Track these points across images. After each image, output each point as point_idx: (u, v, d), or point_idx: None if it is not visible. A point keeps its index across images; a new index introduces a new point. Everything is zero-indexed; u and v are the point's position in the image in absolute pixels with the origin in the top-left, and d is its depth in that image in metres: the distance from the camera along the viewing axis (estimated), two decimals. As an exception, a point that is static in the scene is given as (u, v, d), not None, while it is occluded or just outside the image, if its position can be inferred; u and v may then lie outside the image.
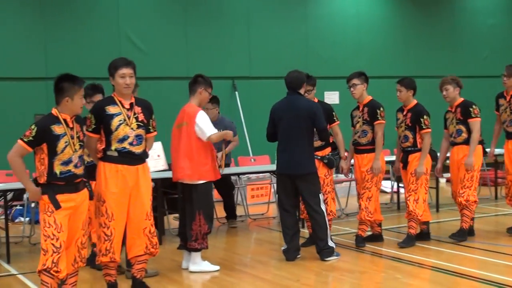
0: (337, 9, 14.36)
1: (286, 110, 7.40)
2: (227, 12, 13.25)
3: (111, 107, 5.83)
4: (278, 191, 7.63)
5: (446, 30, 15.51)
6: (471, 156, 7.80)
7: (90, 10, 12.09)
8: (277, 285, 6.55)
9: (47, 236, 5.24)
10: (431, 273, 6.82)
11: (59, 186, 5.33)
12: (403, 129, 7.94)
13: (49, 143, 5.28)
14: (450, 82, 7.94)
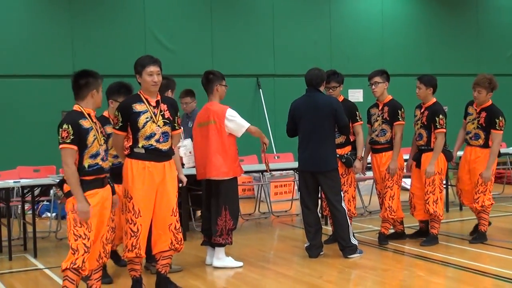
0: (362, 7, 14.32)
1: (307, 108, 7.38)
2: (252, 10, 13.27)
3: (138, 104, 5.85)
4: (300, 189, 7.62)
5: (470, 29, 15.41)
6: (489, 168, 7.66)
7: (116, 9, 12.16)
8: (299, 281, 6.54)
9: (79, 236, 5.23)
10: (454, 271, 6.78)
11: (87, 182, 5.37)
12: (419, 127, 7.88)
13: (81, 139, 5.30)
14: (487, 86, 7.74)
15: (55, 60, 11.71)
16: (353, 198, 8.09)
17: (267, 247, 8.34)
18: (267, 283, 6.49)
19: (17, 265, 7.61)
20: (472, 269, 6.79)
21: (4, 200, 8.30)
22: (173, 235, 5.96)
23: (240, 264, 7.15)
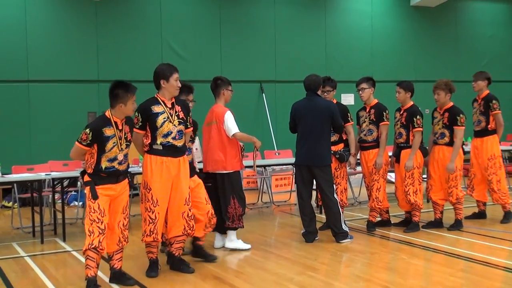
0: (353, 20, 14.31)
1: (307, 109, 7.42)
2: (256, 23, 13.27)
3: (156, 106, 5.89)
4: (297, 181, 7.63)
5: (450, 40, 15.41)
6: (453, 161, 7.66)
7: (136, 22, 12.18)
8: (297, 263, 6.57)
9: (93, 220, 5.34)
10: (432, 255, 6.80)
11: (102, 177, 5.43)
12: (399, 126, 7.92)
13: (100, 143, 5.37)
14: (443, 88, 7.76)
15: (82, 67, 11.74)
16: (345, 190, 8.14)
17: (269, 233, 8.36)
18: (268, 265, 6.51)
19: (48, 247, 7.64)
20: (448, 253, 6.81)
21: (37, 190, 8.34)
22: (186, 222, 6.01)
23: (249, 246, 7.21)
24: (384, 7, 14.69)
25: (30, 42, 11.45)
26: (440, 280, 5.81)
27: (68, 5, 11.70)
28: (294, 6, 13.71)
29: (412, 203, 7.86)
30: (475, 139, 8.49)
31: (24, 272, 6.45)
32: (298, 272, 6.20)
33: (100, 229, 5.34)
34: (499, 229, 8.06)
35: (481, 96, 8.46)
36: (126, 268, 6.10)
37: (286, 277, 5.99)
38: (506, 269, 6.12)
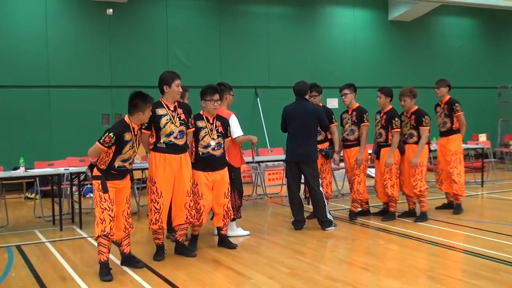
0: (338, 33, 14.33)
1: (297, 112, 7.44)
2: (252, 36, 13.28)
3: (160, 109, 5.91)
4: (287, 176, 7.65)
5: (423, 51, 15.45)
6: (417, 157, 7.69)
7: (145, 33, 12.18)
8: (287, 248, 6.60)
9: (104, 209, 5.36)
10: (407, 240, 6.83)
11: (113, 174, 5.46)
12: (379, 127, 7.95)
13: (118, 146, 5.40)
14: (409, 95, 7.79)
15: (96, 73, 11.74)
16: (329, 183, 8.16)
17: (262, 221, 8.38)
18: (262, 249, 6.53)
19: (66, 234, 7.65)
20: (421, 239, 6.85)
21: (57, 183, 8.37)
22: (188, 211, 6.04)
23: (248, 232, 7.26)
24: (365, 21, 14.72)
25: (50, 52, 11.44)
26: (413, 263, 5.85)
27: (85, 19, 11.69)
28: (285, 20, 13.73)
29: (389, 195, 7.90)
30: (441, 139, 8.54)
31: (45, 256, 6.46)
32: (288, 256, 6.22)
33: (111, 217, 5.37)
34: (464, 218, 8.10)
35: (444, 101, 8.53)
36: (135, 252, 6.11)
37: (277, 260, 6.01)
38: (469, 253, 6.16)
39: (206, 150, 6.25)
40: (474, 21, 16.29)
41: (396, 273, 5.50)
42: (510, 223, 7.73)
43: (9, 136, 11.02)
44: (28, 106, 11.22)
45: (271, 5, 13.46)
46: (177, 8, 12.53)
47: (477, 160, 12.44)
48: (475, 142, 12.12)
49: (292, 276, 5.46)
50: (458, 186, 8.38)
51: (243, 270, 5.71)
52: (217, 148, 6.29)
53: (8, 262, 6.19)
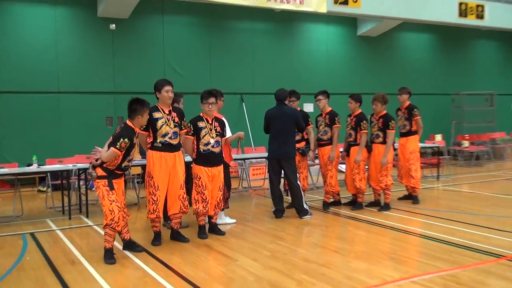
0: (313, 47, 14.37)
1: (277, 115, 7.47)
2: (238, 48, 13.27)
3: (156, 113, 5.94)
4: (269, 171, 7.67)
5: (388, 61, 15.54)
6: (385, 157, 7.74)
7: (144, 46, 12.13)
8: (269, 234, 6.61)
9: (113, 200, 5.36)
10: (373, 227, 6.88)
11: (117, 174, 5.46)
12: (349, 128, 8.00)
13: (128, 149, 5.40)
14: (380, 101, 7.86)
15: (101, 81, 11.67)
16: (306, 177, 8.19)
17: (247, 211, 8.38)
18: (246, 235, 6.55)
19: (74, 223, 7.61)
20: (384, 225, 6.91)
21: (66, 178, 8.33)
22: (181, 202, 6.06)
23: (234, 220, 7.28)
24: (337, 36, 14.77)
25: (60, 62, 11.35)
26: (378, 246, 5.90)
27: (90, 33, 11.62)
28: (268, 35, 13.74)
29: (357, 188, 7.95)
30: (401, 139, 8.61)
31: (56, 242, 6.43)
32: (269, 241, 6.24)
33: (119, 207, 5.38)
34: (422, 207, 8.18)
35: (404, 106, 8.62)
36: (135, 238, 6.11)
37: (260, 245, 6.04)
38: (426, 237, 6.23)
39: (207, 147, 6.27)
40: (431, 36, 16.43)
41: (364, 255, 5.55)
42: (462, 211, 7.82)
43: (24, 136, 10.94)
44: (40, 110, 11.14)
45: (255, 22, 13.47)
46: (172, 24, 12.49)
47: (434, 157, 12.56)
48: (432, 141, 12.25)
49: (273, 258, 5.49)
50: (415, 181, 8.48)
51: (230, 253, 5.73)
52: (216, 146, 6.32)
53: (23, 248, 6.15)
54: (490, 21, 14.51)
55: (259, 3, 10.88)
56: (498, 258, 5.35)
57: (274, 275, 4.92)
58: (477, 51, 17.35)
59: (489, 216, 7.40)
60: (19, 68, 10.97)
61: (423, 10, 13.44)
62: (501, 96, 17.00)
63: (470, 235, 6.31)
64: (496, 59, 17.75)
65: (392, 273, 4.93)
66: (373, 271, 4.98)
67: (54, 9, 11.29)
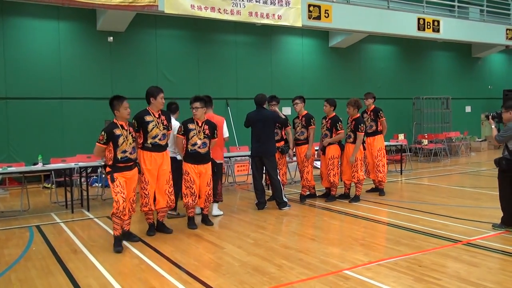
0: (290, 57, 14.35)
1: (257, 117, 7.46)
2: (224, 58, 13.20)
3: (147, 116, 5.87)
4: (252, 167, 7.66)
5: (356, 70, 15.60)
6: (353, 156, 7.75)
7: (139, 56, 12.00)
8: (252, 224, 6.59)
9: (118, 192, 5.35)
10: (344, 217, 6.90)
11: (119, 167, 5.37)
12: (325, 129, 8.00)
13: (113, 141, 5.32)
14: (353, 105, 7.88)
15: (100, 87, 11.50)
16: (284, 173, 8.18)
17: (232, 203, 8.34)
18: (232, 225, 6.52)
19: (76, 216, 7.49)
20: (355, 215, 6.93)
21: (69, 175, 8.22)
22: (168, 197, 6.00)
23: (222, 212, 7.26)
24: (311, 47, 14.78)
25: (63, 70, 11.18)
26: (349, 234, 5.91)
27: (90, 44, 11.45)
28: (249, 47, 13.69)
29: (331, 182, 7.96)
30: (368, 138, 8.60)
31: (60, 233, 6.33)
32: (252, 230, 6.22)
33: (123, 198, 5.36)
34: (388, 198, 8.23)
35: (370, 109, 8.68)
36: (132, 229, 6.03)
37: (244, 234, 6.01)
38: (392, 225, 6.26)
39: (194, 147, 6.21)
40: (394, 48, 16.54)
41: (337, 242, 5.56)
42: (423, 201, 7.87)
43: (30, 138, 10.75)
44: (45, 114, 10.96)
45: (239, 35, 13.42)
46: (164, 37, 12.38)
47: (397, 154, 12.65)
48: (395, 140, 12.33)
49: (256, 245, 5.46)
50: (382, 175, 8.52)
51: (218, 242, 5.69)
52: (202, 147, 6.25)
53: (29, 239, 6.05)
54: (445, 34, 14.68)
55: (242, 18, 10.85)
56: (455, 243, 5.39)
57: (257, 261, 4.90)
58: (434, 60, 17.52)
59: (447, 206, 7.47)
60: (26, 76, 10.79)
61: (387, 24, 13.54)
62: (456, 100, 17.20)
63: (430, 222, 6.35)
64: (451, 67, 17.95)
65: (362, 257, 4.93)
66: (346, 256, 4.98)
67: (58, 23, 11.12)
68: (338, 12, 12.44)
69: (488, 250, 5.08)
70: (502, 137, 5.75)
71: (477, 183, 9.83)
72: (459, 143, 15.70)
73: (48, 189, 9.92)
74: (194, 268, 4.75)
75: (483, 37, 15.92)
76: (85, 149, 9.65)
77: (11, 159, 10.29)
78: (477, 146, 16.84)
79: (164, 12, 9.91)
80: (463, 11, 16.32)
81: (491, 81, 19.12)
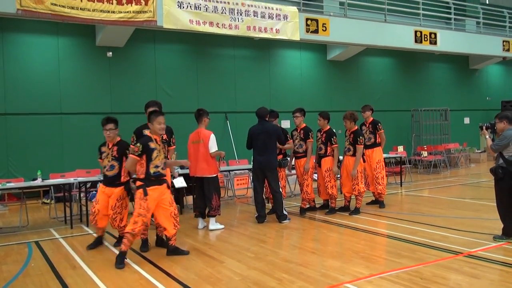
0: (288, 70, 14.41)
1: (260, 131, 7.45)
2: (223, 72, 13.27)
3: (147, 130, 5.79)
4: (253, 180, 7.64)
5: (354, 82, 15.67)
6: (355, 169, 7.76)
7: (138, 70, 12.06)
8: (252, 237, 6.56)
9: (141, 214, 5.28)
10: (344, 229, 6.87)
11: (152, 181, 5.36)
12: (320, 143, 8.02)
13: (147, 154, 5.32)
14: (349, 118, 7.89)
15: (99, 102, 11.53)
16: (284, 186, 8.16)
17: (232, 217, 8.31)
18: (232, 239, 6.49)
19: (76, 231, 7.46)
20: (354, 227, 6.90)
21: (68, 190, 8.18)
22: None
23: (222, 226, 7.19)
24: (309, 61, 14.87)
25: (62, 86, 11.22)
26: (350, 246, 5.88)
27: (89, 59, 11.51)
28: (248, 60, 13.77)
29: (330, 194, 7.95)
30: (367, 150, 8.58)
31: (59, 249, 6.29)
32: (252, 244, 6.19)
33: (143, 223, 5.31)
34: (388, 210, 8.20)
35: (369, 121, 8.68)
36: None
37: (244, 248, 5.98)
38: (392, 237, 6.23)
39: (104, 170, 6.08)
40: (391, 60, 16.63)
41: (337, 255, 5.53)
42: (423, 213, 7.85)
43: (29, 153, 10.75)
44: (45, 129, 10.97)
45: (237, 49, 13.50)
46: (163, 51, 12.45)
47: (397, 166, 12.64)
48: (395, 152, 12.33)
49: (256, 259, 5.43)
50: (381, 187, 8.51)
51: (217, 255, 5.66)
52: (109, 169, 6.07)
53: (28, 255, 6.01)
54: (442, 46, 14.78)
55: (240, 32, 10.93)
56: (456, 254, 5.37)
57: (257, 275, 4.87)
58: (432, 72, 17.61)
59: (447, 218, 7.44)
60: (25, 91, 10.82)
61: (384, 37, 13.63)
62: (454, 111, 17.25)
63: (430, 234, 6.33)
64: (448, 79, 18.04)
65: (363, 270, 4.90)
66: (346, 269, 4.95)
67: (57, 39, 11.19)
68: (336, 26, 12.53)
69: (489, 262, 5.05)
70: (498, 146, 5.81)
71: (477, 195, 9.82)
72: (459, 155, 15.71)
73: (47, 205, 9.89)
74: (194, 282, 4.71)
75: (480, 49, 16.02)
76: (85, 164, 9.66)
77: (10, 175, 10.29)
78: (477, 157, 16.84)
79: (163, 27, 9.99)
80: (460, 24, 16.46)
81: (489, 92, 19.21)
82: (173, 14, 9.99)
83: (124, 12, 9.49)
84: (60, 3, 8.85)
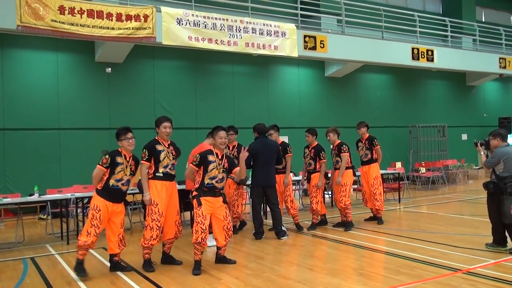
0: (287, 87, 14.49)
1: (262, 147, 7.42)
2: (221, 88, 13.32)
3: (159, 145, 5.80)
4: (253, 197, 7.55)
5: (352, 99, 15.74)
6: (339, 176, 7.91)
7: (136, 86, 12.10)
8: (249, 254, 6.51)
9: (199, 222, 5.49)
10: (341, 245, 6.83)
11: (205, 191, 5.61)
12: (309, 159, 8.07)
13: (204, 165, 5.64)
14: (332, 132, 8.12)
15: (97, 118, 11.56)
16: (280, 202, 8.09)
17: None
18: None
19: (72, 247, 7.38)
20: (352, 244, 6.87)
21: (65, 206, 8.14)
22: (177, 227, 5.91)
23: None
24: (307, 77, 14.95)
25: (61, 101, 11.25)
26: (348, 263, 5.84)
27: (88, 75, 11.56)
28: (246, 77, 13.84)
29: (313, 210, 8.01)
30: (364, 167, 8.62)
31: (54, 265, 6.24)
32: (250, 260, 6.15)
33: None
34: (386, 227, 8.17)
35: (365, 138, 8.71)
36: (128, 261, 5.92)
37: (242, 264, 5.93)
38: (390, 254, 6.20)
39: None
40: (389, 76, 16.74)
41: (335, 271, 5.48)
42: (422, 230, 7.82)
43: (26, 169, 10.73)
44: (43, 145, 10.97)
45: (235, 65, 13.58)
46: (162, 67, 12.51)
47: (395, 182, 12.63)
48: (393, 168, 12.32)
49: (254, 276, 5.39)
50: (379, 203, 8.49)
51: (214, 272, 5.61)
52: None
53: (23, 271, 5.95)
54: (439, 63, 14.88)
55: (239, 49, 11.00)
56: (455, 271, 5.33)
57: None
58: (429, 88, 17.72)
59: (445, 234, 7.41)
60: (24, 107, 10.85)
61: (381, 54, 13.73)
62: (452, 128, 17.32)
63: (429, 251, 6.29)
64: (446, 95, 18.14)
65: (361, 287, 4.86)
66: (344, 286, 4.91)
67: (56, 55, 11.25)
68: (333, 43, 12.63)
69: (488, 279, 5.02)
70: (489, 162, 6.21)
71: (475, 211, 9.79)
72: (457, 171, 15.71)
73: (44, 220, 9.83)
74: (190, 299, 4.66)
75: (476, 66, 16.14)
76: (82, 179, 9.62)
77: (7, 190, 10.25)
78: (475, 173, 16.85)
79: (162, 43, 10.06)
80: (456, 41, 16.60)
81: (486, 109, 19.31)
82: (172, 31, 10.06)
83: (123, 28, 9.56)
84: (60, 19, 8.92)
